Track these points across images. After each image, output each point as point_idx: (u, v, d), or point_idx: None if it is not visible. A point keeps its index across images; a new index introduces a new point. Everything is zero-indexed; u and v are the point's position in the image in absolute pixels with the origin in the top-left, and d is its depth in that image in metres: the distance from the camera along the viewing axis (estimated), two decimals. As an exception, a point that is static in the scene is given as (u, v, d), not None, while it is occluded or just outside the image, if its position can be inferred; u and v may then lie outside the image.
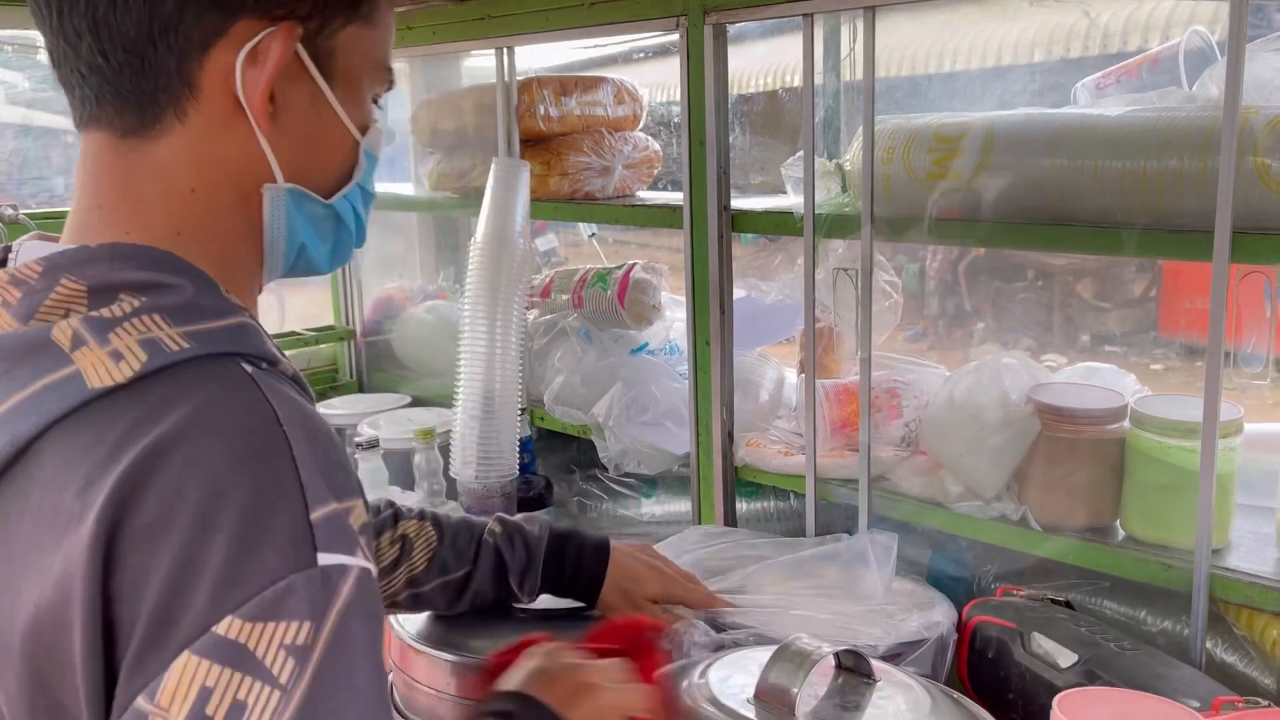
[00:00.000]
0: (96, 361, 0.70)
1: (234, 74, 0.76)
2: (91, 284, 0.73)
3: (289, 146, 0.81)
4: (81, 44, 0.76)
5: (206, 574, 0.65)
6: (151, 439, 0.68)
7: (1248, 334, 1.44)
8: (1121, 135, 1.38)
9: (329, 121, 0.83)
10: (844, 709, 1.19)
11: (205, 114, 0.78)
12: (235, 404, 0.71)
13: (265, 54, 0.77)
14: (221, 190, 0.80)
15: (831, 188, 1.72)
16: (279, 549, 0.66)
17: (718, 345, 1.82)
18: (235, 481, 0.67)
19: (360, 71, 0.84)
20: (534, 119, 2.14)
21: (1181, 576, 1.38)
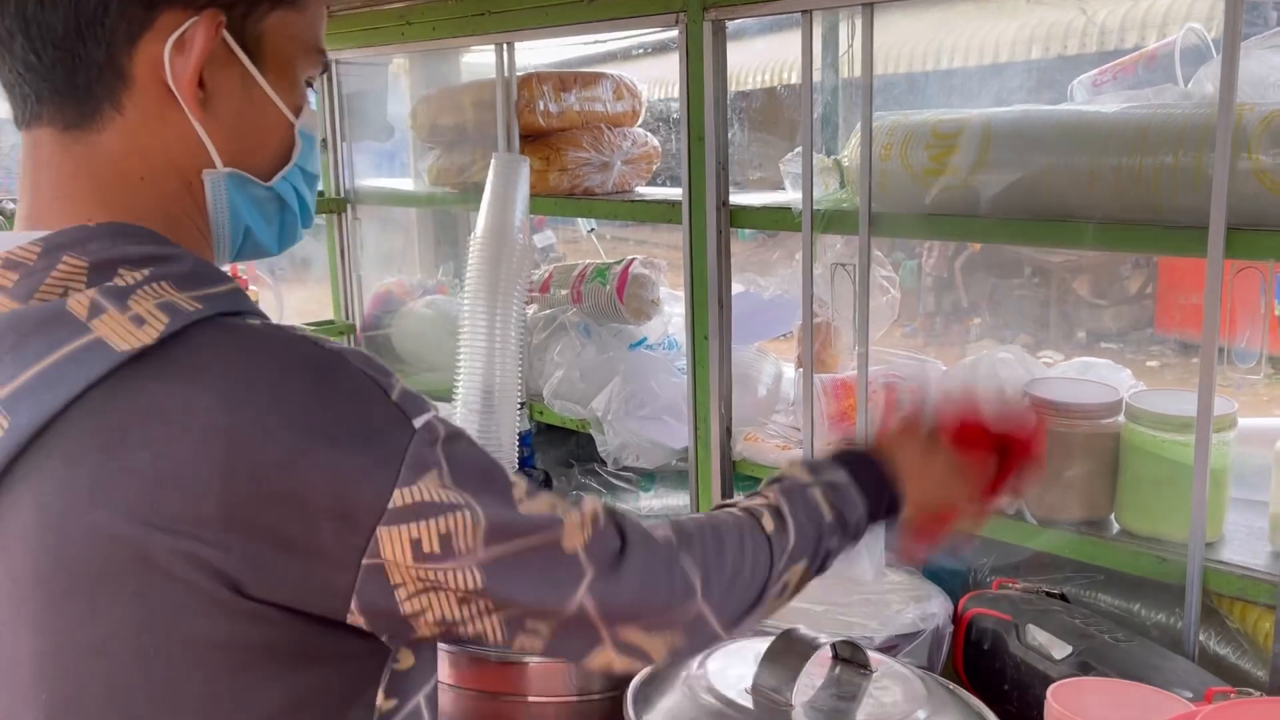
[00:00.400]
0: (118, 326, 0.73)
1: (163, 63, 0.78)
2: (94, 260, 0.75)
3: (224, 131, 0.82)
4: (15, 43, 0.78)
5: (358, 474, 0.74)
6: (227, 391, 0.73)
7: (1242, 330, 1.45)
8: (1117, 132, 1.39)
9: (261, 105, 0.84)
10: (841, 699, 1.20)
11: (140, 104, 0.80)
12: (280, 345, 0.76)
13: (190, 42, 0.79)
14: (166, 177, 0.82)
15: (829, 184, 1.73)
16: (389, 431, 0.76)
17: (716, 340, 1.83)
18: (329, 400, 0.75)
19: (291, 55, 0.86)
20: (533, 114, 2.15)
21: (1175, 569, 1.39)
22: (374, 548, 0.74)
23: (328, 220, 2.75)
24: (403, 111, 2.67)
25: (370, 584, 0.75)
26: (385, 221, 2.85)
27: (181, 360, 0.73)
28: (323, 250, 2.83)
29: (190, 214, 0.84)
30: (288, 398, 0.74)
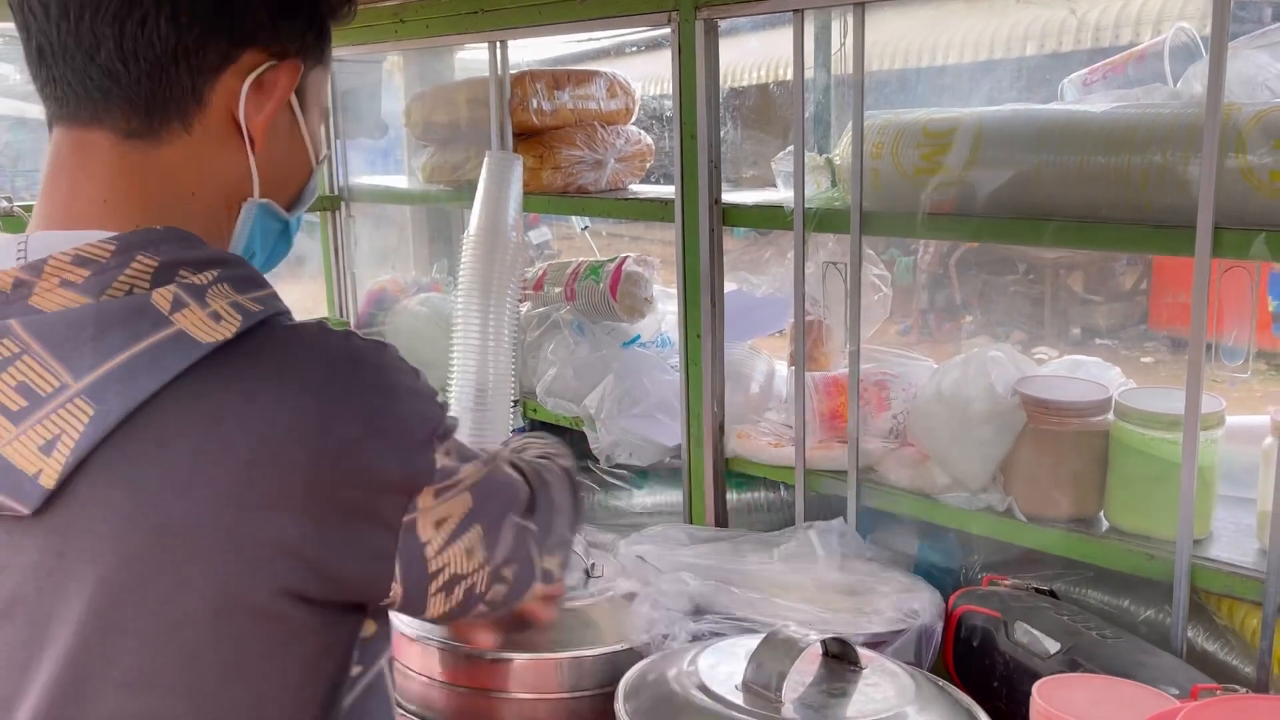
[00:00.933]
0: (199, 321, 0.79)
1: (237, 97, 0.86)
2: (163, 260, 0.80)
3: (268, 167, 0.90)
4: (100, 51, 0.82)
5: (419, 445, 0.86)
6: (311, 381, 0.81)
7: (1230, 328, 1.46)
8: (1107, 131, 1.39)
9: (299, 149, 0.94)
10: (830, 695, 1.21)
11: (208, 128, 0.86)
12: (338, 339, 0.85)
13: (272, 85, 0.87)
14: (215, 196, 0.88)
15: (821, 182, 1.73)
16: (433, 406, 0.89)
17: (709, 338, 1.84)
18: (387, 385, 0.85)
19: (319, 107, 0.96)
20: (527, 112, 2.15)
21: (1164, 566, 1.40)
22: (413, 503, 0.85)
23: (322, 218, 2.75)
24: (396, 109, 2.68)
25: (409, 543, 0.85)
26: (379, 219, 2.85)
27: (263, 353, 0.81)
28: (317, 248, 2.83)
29: (220, 232, 0.91)
30: (360, 384, 0.83)
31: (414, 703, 1.45)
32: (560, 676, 1.39)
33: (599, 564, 1.56)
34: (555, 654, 1.39)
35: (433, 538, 0.87)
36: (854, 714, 1.17)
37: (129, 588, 0.77)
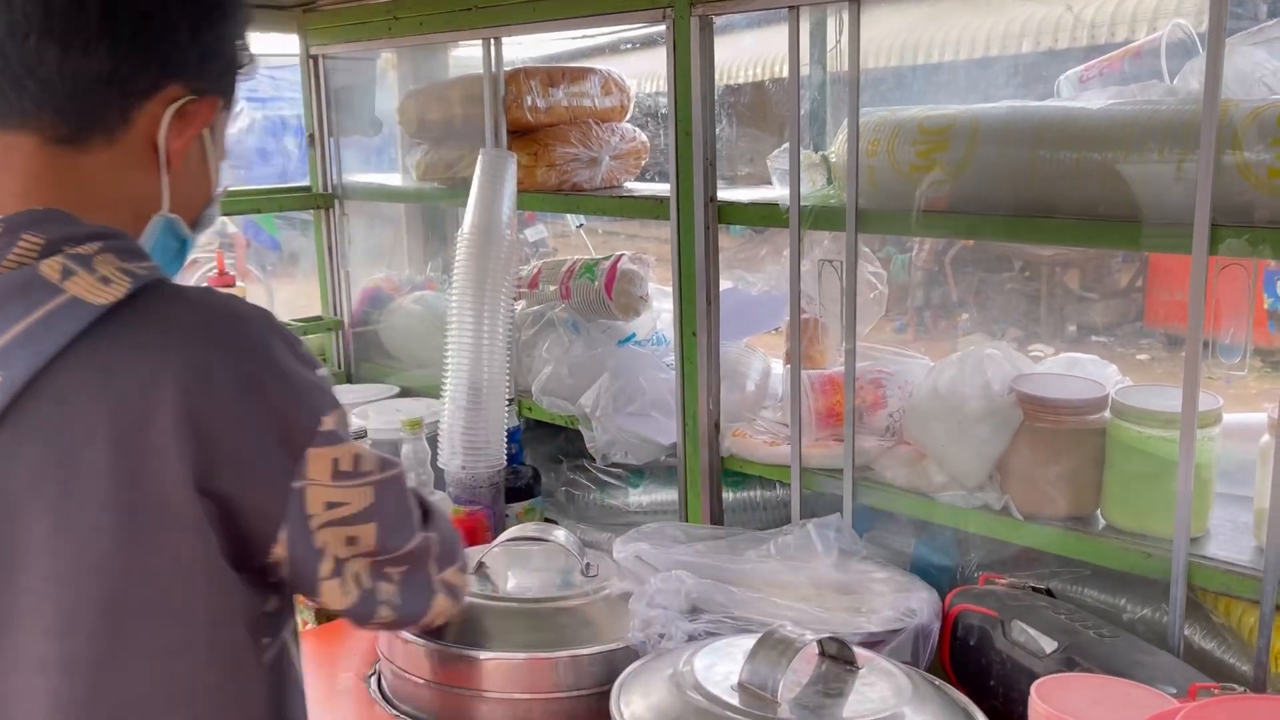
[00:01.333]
0: (90, 286, 0.86)
1: (158, 123, 0.95)
2: (49, 238, 0.87)
3: (178, 186, 0.99)
4: (41, 68, 0.89)
5: (301, 400, 0.93)
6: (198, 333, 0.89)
7: (1227, 326, 1.46)
8: (1103, 128, 1.39)
9: (205, 177, 1.02)
10: (827, 696, 1.20)
11: (129, 146, 0.95)
12: (223, 300, 0.93)
13: (194, 116, 0.97)
14: (126, 206, 0.96)
15: (817, 180, 1.73)
16: (319, 372, 0.97)
17: (704, 336, 1.83)
18: (273, 342, 0.93)
19: (222, 144, 1.05)
20: (521, 110, 2.14)
21: (1160, 565, 1.40)
22: (302, 468, 0.93)
23: (316, 216, 2.74)
24: (390, 106, 2.67)
25: (295, 510, 0.93)
26: (373, 217, 2.84)
27: (151, 309, 0.88)
28: (311, 246, 2.82)
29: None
30: (244, 340, 0.91)
31: (408, 704, 1.44)
32: (556, 676, 1.39)
33: (594, 563, 1.55)
34: (551, 653, 1.38)
35: (319, 514, 0.94)
36: (850, 714, 1.16)
37: (46, 536, 0.86)
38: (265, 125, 7.60)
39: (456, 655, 1.39)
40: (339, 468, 0.95)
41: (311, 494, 0.94)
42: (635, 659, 1.35)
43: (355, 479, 0.97)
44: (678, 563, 1.53)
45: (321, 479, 0.94)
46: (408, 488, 1.06)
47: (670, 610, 1.42)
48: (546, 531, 1.58)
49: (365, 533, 0.99)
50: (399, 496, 1.03)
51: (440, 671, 1.40)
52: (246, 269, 7.01)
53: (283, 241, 6.97)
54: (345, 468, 0.96)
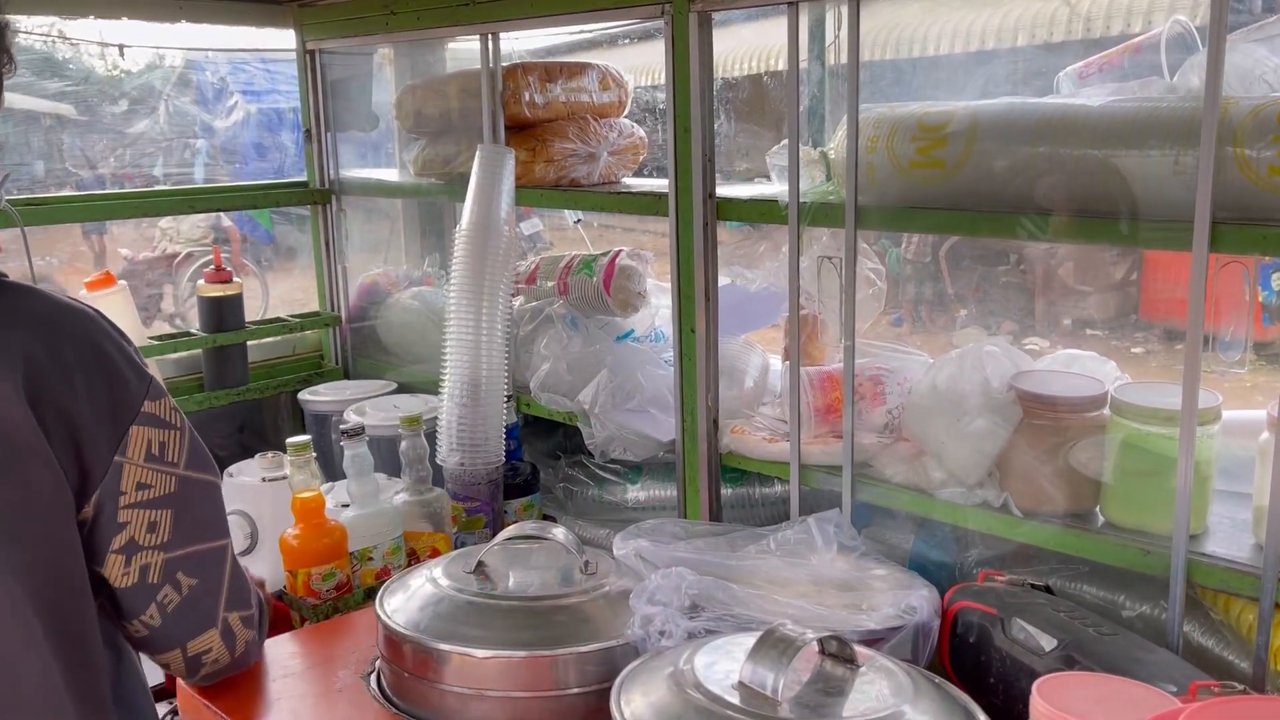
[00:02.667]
0: None
1: None
2: None
3: None
4: None
5: (127, 383, 1.11)
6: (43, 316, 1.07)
7: (1227, 321, 1.46)
8: (1103, 125, 1.39)
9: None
10: (827, 695, 1.20)
11: None
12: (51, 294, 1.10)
13: None
14: None
15: (816, 176, 1.72)
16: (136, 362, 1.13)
17: (703, 332, 1.83)
18: (103, 330, 1.11)
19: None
20: (519, 105, 2.14)
21: (1159, 562, 1.40)
22: (125, 444, 1.09)
23: (313, 211, 2.73)
24: (387, 101, 2.66)
25: (110, 481, 1.09)
26: (370, 212, 2.83)
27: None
28: (308, 241, 2.81)
29: None
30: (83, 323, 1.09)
31: (407, 702, 1.44)
32: (555, 674, 1.38)
33: (593, 560, 1.55)
34: (550, 651, 1.38)
35: (129, 493, 1.09)
36: (851, 713, 1.16)
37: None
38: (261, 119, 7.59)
39: (456, 653, 1.38)
40: (152, 450, 1.11)
41: (128, 472, 1.09)
42: (635, 656, 1.35)
43: (165, 465, 1.12)
44: (677, 559, 1.53)
45: (137, 458, 1.10)
46: (219, 502, 1.19)
47: (670, 607, 1.41)
48: (545, 529, 1.57)
49: (163, 519, 1.12)
50: (206, 502, 1.17)
51: (439, 670, 1.40)
52: (242, 263, 7.01)
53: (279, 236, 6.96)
54: (157, 452, 1.11)
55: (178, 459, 1.14)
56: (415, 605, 1.46)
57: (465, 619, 1.42)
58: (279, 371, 2.68)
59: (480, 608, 1.44)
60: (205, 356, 2.51)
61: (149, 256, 7.14)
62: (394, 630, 1.43)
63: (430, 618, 1.43)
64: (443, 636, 1.40)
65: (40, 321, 1.06)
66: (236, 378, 2.54)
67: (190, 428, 1.18)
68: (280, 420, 2.65)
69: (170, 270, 7.05)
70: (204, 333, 2.49)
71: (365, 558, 1.79)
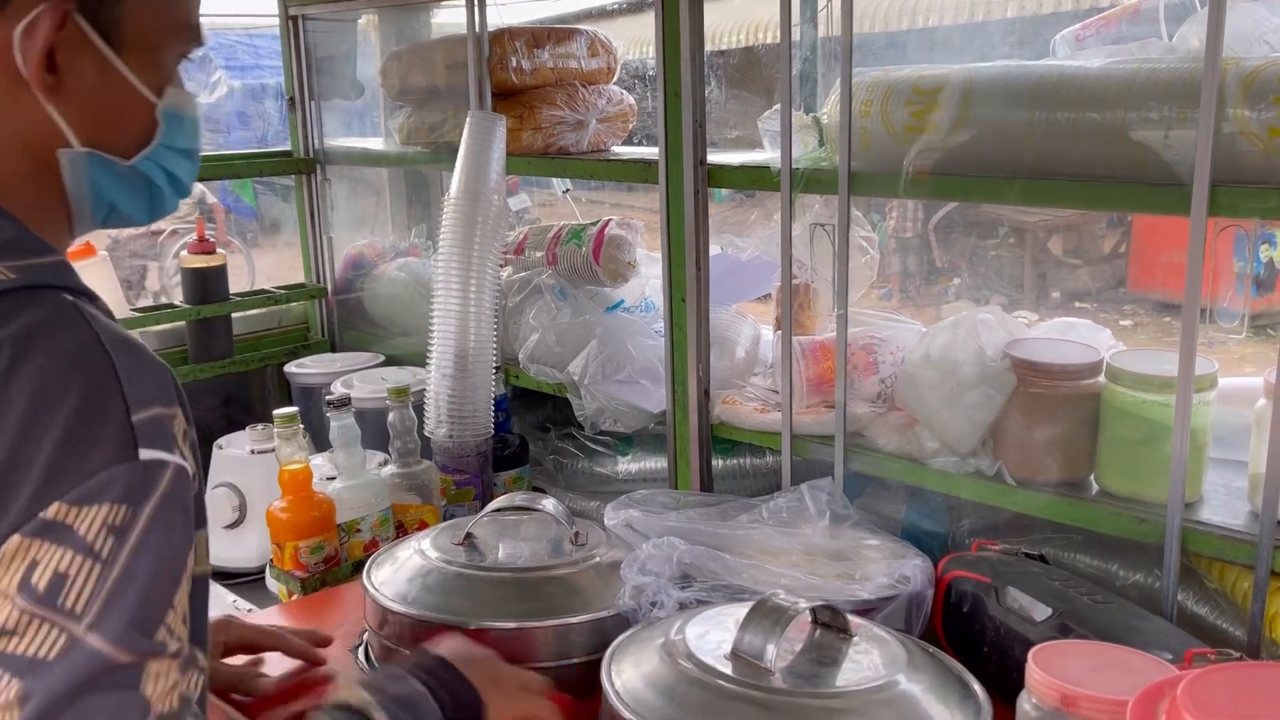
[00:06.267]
0: None
1: (12, 47, 0.82)
2: None
3: (80, 113, 0.86)
4: None
5: (36, 466, 0.74)
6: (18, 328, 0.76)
7: (1223, 289, 1.44)
8: (1100, 87, 1.36)
9: (119, 86, 0.87)
10: (820, 664, 1.19)
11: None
12: (60, 324, 0.79)
13: (37, 28, 0.82)
14: (18, 153, 0.85)
15: (808, 142, 1.70)
16: (103, 446, 0.76)
17: (694, 302, 1.81)
18: (64, 389, 0.76)
19: (155, 35, 0.89)
20: (506, 71, 2.10)
21: (1154, 530, 1.39)
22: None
23: (296, 181, 2.70)
24: (372, 69, 2.62)
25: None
26: (356, 182, 2.79)
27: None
28: (292, 212, 2.78)
29: (42, 191, 0.87)
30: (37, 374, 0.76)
31: (397, 674, 1.42)
32: (546, 645, 1.37)
33: (583, 531, 1.53)
34: (541, 622, 1.37)
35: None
36: (844, 682, 1.15)
37: None
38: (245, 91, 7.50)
39: (445, 625, 1.37)
40: (32, 580, 0.71)
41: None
42: (626, 627, 1.33)
43: (51, 613, 0.71)
44: (669, 529, 1.52)
45: (6, 586, 0.71)
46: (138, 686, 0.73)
47: (661, 577, 1.40)
48: (534, 500, 1.56)
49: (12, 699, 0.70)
50: (105, 698, 0.71)
51: (426, 642, 1.38)
52: (228, 239, 6.95)
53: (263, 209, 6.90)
54: (42, 586, 0.71)
55: (78, 607, 0.72)
56: (403, 577, 1.45)
57: (454, 591, 1.41)
58: (264, 344, 2.65)
59: (469, 579, 1.42)
60: (189, 329, 2.48)
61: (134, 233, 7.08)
62: (382, 603, 1.41)
63: (419, 590, 1.42)
64: (431, 609, 1.38)
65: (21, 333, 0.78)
66: (221, 350, 2.51)
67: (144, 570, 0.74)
68: (267, 393, 2.63)
69: (155, 247, 6.99)
70: (188, 305, 2.46)
71: (353, 530, 1.77)
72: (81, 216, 0.91)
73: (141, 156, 0.91)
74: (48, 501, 0.73)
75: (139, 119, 0.90)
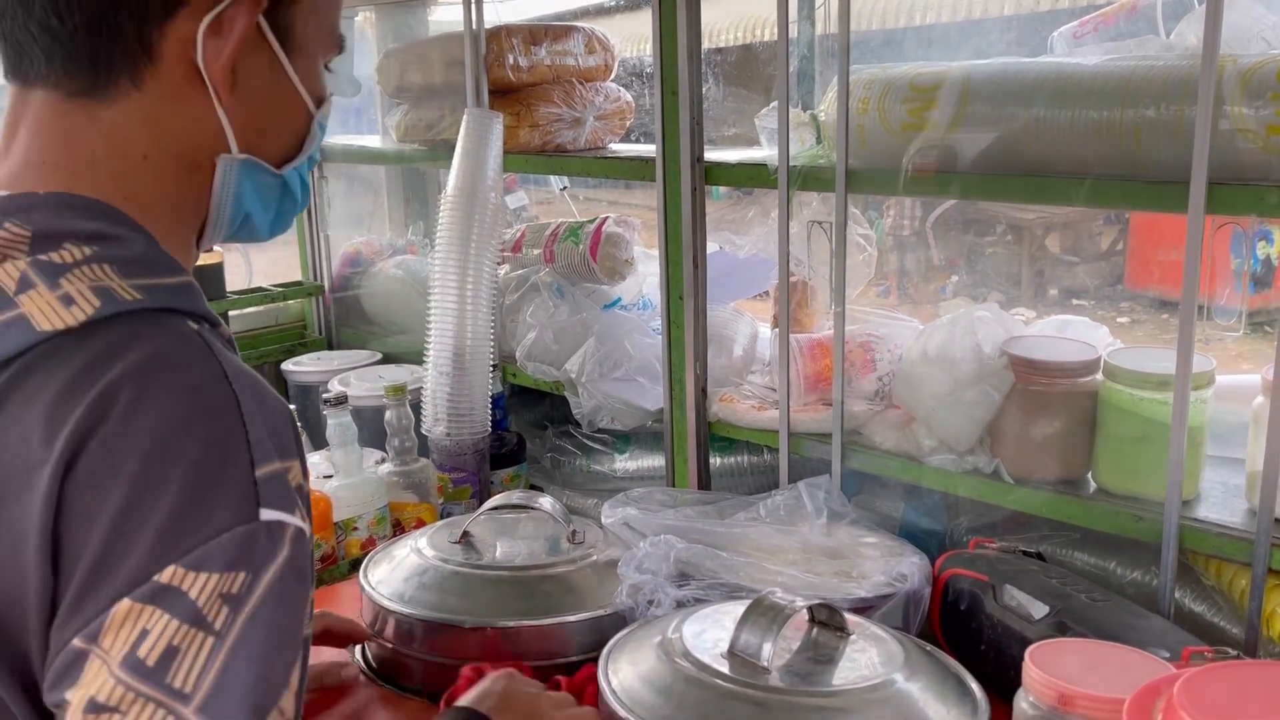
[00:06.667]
0: (45, 305, 0.71)
1: (194, 44, 0.77)
2: (37, 229, 0.74)
3: (245, 117, 0.81)
4: (35, 4, 0.75)
5: (151, 522, 0.67)
6: (105, 383, 0.69)
7: (1221, 286, 1.44)
8: (1098, 84, 1.36)
9: (286, 92, 0.84)
10: (817, 662, 1.19)
11: (162, 82, 0.78)
12: (186, 358, 0.73)
13: (229, 25, 0.78)
14: (175, 158, 0.81)
15: (806, 139, 1.70)
16: (225, 503, 0.69)
17: (691, 300, 1.81)
18: (186, 434, 0.69)
19: (315, 41, 0.86)
20: (503, 69, 2.10)
21: (1152, 528, 1.39)
22: (96, 627, 0.66)
23: (294, 179, 2.69)
24: (369, 67, 2.61)
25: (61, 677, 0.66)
26: (353, 180, 2.79)
27: (98, 347, 0.71)
28: (289, 210, 2.77)
29: (188, 196, 0.83)
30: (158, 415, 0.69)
31: (393, 674, 1.42)
32: (543, 643, 1.37)
33: (580, 530, 1.53)
34: (538, 620, 1.37)
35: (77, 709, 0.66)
36: (841, 681, 1.15)
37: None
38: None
39: (442, 624, 1.37)
40: (139, 652, 0.65)
41: (90, 675, 0.65)
42: (623, 625, 1.33)
43: (159, 692, 0.65)
44: (666, 527, 1.52)
45: (113, 655, 0.65)
46: None
47: (658, 575, 1.40)
48: (531, 499, 1.55)
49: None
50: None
51: (426, 641, 1.38)
52: (224, 235, 6.94)
53: (261, 207, 6.89)
54: (151, 660, 0.65)
55: (189, 685, 0.65)
56: (400, 576, 1.44)
57: (451, 589, 1.41)
58: (261, 342, 2.65)
59: (466, 578, 1.42)
60: (186, 327, 2.48)
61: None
62: (379, 601, 1.41)
63: (415, 588, 1.41)
64: (428, 607, 1.38)
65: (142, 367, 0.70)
66: (218, 348, 2.50)
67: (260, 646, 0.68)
68: (264, 391, 2.62)
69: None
70: (184, 303, 2.45)
71: (350, 528, 1.77)
72: (217, 226, 0.86)
73: (290, 167, 0.88)
74: (163, 564, 0.66)
75: (296, 127, 0.87)
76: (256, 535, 0.69)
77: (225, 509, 0.69)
